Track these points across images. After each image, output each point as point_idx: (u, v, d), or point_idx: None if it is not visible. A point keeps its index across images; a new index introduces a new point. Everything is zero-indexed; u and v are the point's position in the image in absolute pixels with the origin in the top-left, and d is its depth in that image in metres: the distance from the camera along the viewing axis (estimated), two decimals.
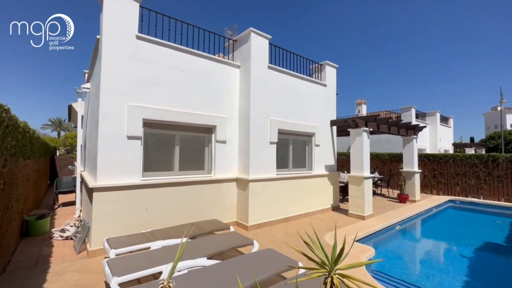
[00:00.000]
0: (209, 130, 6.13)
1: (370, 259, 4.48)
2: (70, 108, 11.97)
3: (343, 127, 8.33)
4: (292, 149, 7.44)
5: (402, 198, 9.57)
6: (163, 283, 1.06)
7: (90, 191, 4.55)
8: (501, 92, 24.50)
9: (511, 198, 9.76)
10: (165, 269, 3.09)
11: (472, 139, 28.40)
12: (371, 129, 7.61)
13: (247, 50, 6.38)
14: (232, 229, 4.88)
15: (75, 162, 10.65)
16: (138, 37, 4.97)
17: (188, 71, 5.66)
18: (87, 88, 6.86)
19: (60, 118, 43.68)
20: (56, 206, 8.06)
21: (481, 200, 10.26)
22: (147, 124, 5.14)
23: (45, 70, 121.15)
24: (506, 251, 5.85)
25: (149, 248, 3.86)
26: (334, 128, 8.55)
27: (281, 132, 6.91)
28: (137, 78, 4.93)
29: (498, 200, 10.02)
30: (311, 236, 1.47)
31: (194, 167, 5.95)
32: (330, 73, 8.51)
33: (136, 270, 3.02)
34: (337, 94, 8.95)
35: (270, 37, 6.68)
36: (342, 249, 1.17)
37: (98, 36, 4.99)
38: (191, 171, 5.85)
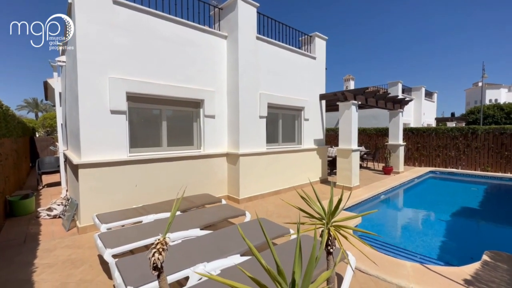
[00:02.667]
0: (197, 104, 5.95)
1: (356, 226, 4.71)
2: (46, 85, 11.21)
3: (332, 101, 8.32)
4: (281, 123, 7.41)
5: (387, 170, 9.95)
6: (159, 239, 1.04)
7: (75, 168, 4.40)
8: (483, 67, 25.04)
9: (486, 168, 10.37)
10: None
11: (453, 114, 29.39)
12: (360, 103, 7.65)
13: (234, 19, 6.05)
14: (223, 202, 4.94)
15: (56, 143, 10.23)
16: (115, 2, 4.57)
17: (172, 42, 5.34)
18: (63, 62, 6.40)
19: (36, 99, 41.22)
20: (41, 187, 7.83)
21: (460, 170, 10.85)
22: (131, 98, 4.91)
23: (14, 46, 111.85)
24: (478, 213, 6.30)
25: (141, 222, 3.86)
26: (323, 102, 8.54)
27: (270, 106, 6.82)
28: (117, 48, 4.61)
29: (475, 170, 10.63)
30: (309, 195, 1.48)
31: (183, 143, 5.84)
32: (319, 45, 8.30)
33: (129, 242, 3.03)
34: (326, 68, 8.83)
35: (258, 5, 6.33)
36: (339, 202, 1.19)
37: (69, 0, 4.54)
38: (180, 146, 5.75)
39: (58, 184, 7.75)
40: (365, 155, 12.18)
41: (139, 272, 2.36)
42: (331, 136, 15.98)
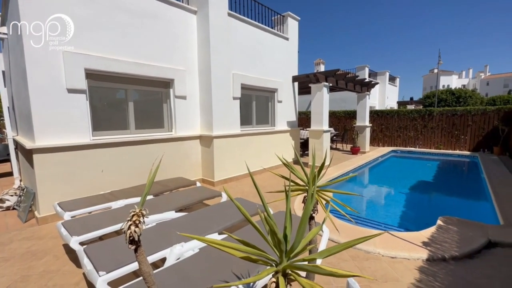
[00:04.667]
0: (166, 84, 5.61)
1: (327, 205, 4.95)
2: None
3: (304, 83, 8.41)
4: (255, 105, 7.34)
5: (355, 150, 10.53)
6: (134, 211, 0.96)
7: (28, 154, 3.95)
8: (439, 54, 27.05)
9: (440, 146, 11.47)
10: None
11: (412, 98, 31.75)
12: (331, 85, 7.84)
13: None
14: (198, 184, 4.85)
15: (4, 130, 9.10)
16: None
17: (138, 15, 4.88)
18: (3, 34, 5.54)
19: None
20: None
21: (417, 149, 11.86)
22: (92, 75, 4.45)
23: None
24: (433, 185, 7.02)
25: (110, 208, 3.64)
26: (296, 84, 8.60)
27: (244, 87, 6.69)
28: (73, 19, 4.08)
29: (430, 148, 11.70)
30: (289, 168, 1.48)
31: (152, 125, 5.53)
32: (292, 26, 8.21)
33: (97, 228, 2.85)
34: (298, 51, 8.82)
35: None
36: (320, 168, 1.20)
37: None
38: (149, 129, 5.44)
39: (9, 174, 6.97)
40: (334, 137, 12.71)
41: (111, 257, 2.24)
42: (303, 119, 16.34)
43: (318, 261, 2.65)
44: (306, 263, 0.85)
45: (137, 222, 0.94)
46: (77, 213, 3.36)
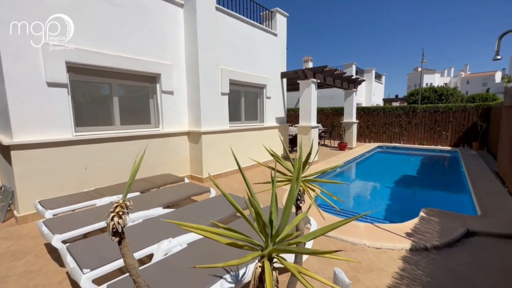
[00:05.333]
0: (153, 79, 5.48)
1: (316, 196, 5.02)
2: None
3: (292, 79, 8.44)
4: (244, 101, 7.31)
5: (342, 146, 10.72)
6: (117, 202, 0.93)
7: (6, 150, 3.76)
8: (423, 53, 27.85)
9: (423, 142, 11.86)
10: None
11: (397, 96, 32.62)
12: (319, 81, 7.91)
13: None
14: (187, 180, 4.79)
15: None
16: None
17: (122, 6, 4.72)
18: None
19: None
20: None
21: (402, 145, 12.21)
22: (74, 69, 4.28)
23: None
24: (416, 179, 7.26)
25: (94, 205, 3.53)
26: (284, 80, 8.62)
27: (232, 83, 6.64)
28: (53, 9, 3.90)
29: (414, 144, 12.07)
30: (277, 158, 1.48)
31: (138, 121, 5.40)
32: (280, 22, 8.21)
33: (81, 226, 2.76)
34: (286, 48, 8.83)
35: None
36: (307, 158, 1.21)
37: None
38: (135, 125, 5.31)
39: None
40: (322, 133, 12.88)
41: (96, 254, 2.19)
42: (291, 116, 16.44)
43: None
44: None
45: (121, 213, 0.91)
46: (59, 211, 3.24)
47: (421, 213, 3.85)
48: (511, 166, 4.90)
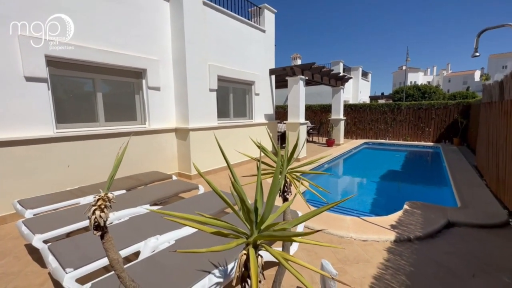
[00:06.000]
0: (138, 74, 5.35)
1: (304, 191, 5.08)
2: None
3: (281, 76, 8.47)
4: (232, 97, 7.27)
5: (330, 143, 10.88)
6: (99, 195, 0.90)
7: None
8: (407, 52, 28.61)
9: (407, 138, 12.23)
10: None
11: (382, 93, 33.42)
12: (307, 78, 7.97)
13: None
14: (174, 178, 4.72)
15: None
16: None
17: None
18: None
19: None
20: None
21: (387, 141, 12.54)
22: (54, 63, 4.11)
23: None
24: (400, 174, 7.49)
25: (78, 204, 3.43)
26: (273, 77, 8.63)
27: (221, 79, 6.58)
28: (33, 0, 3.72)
29: (399, 140, 12.42)
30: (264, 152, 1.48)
31: (124, 118, 5.26)
32: (269, 18, 8.19)
33: (64, 225, 2.67)
34: (275, 45, 8.83)
35: None
36: (293, 150, 1.22)
37: None
38: (120, 122, 5.17)
39: None
40: (311, 130, 13.02)
41: (79, 253, 2.13)
42: (280, 113, 16.52)
43: (295, 245, 2.73)
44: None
45: (103, 206, 0.89)
46: (40, 211, 3.12)
47: (405, 206, 3.97)
48: (488, 160, 5.14)
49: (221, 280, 1.79)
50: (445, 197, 4.91)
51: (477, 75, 64.33)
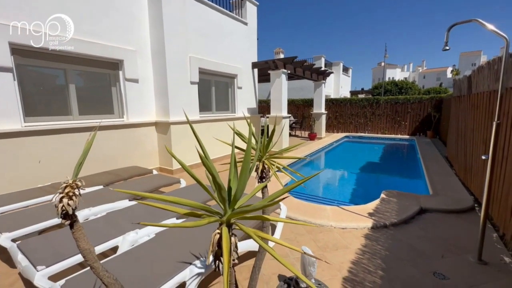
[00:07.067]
0: (115, 65, 5.11)
1: (287, 184, 5.16)
2: None
3: (263, 70, 8.45)
4: (214, 91, 7.17)
5: (312, 136, 11.08)
6: (66, 182, 0.86)
7: None
8: (385, 48, 29.58)
9: (385, 131, 12.73)
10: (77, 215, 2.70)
11: (362, 89, 34.40)
12: (289, 72, 8.02)
13: None
14: (155, 172, 4.61)
15: None
16: None
17: None
18: None
19: None
20: None
21: (366, 134, 12.98)
22: (19, 51, 3.82)
23: None
24: (379, 165, 7.81)
25: (51, 201, 3.24)
26: (256, 70, 8.59)
27: (202, 72, 6.45)
28: None
29: (377, 133, 12.90)
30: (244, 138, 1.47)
31: (100, 111, 5.03)
32: (251, 10, 8.10)
33: (34, 223, 2.54)
34: (257, 38, 8.77)
35: None
36: (271, 136, 1.22)
37: None
38: (96, 115, 4.94)
39: None
40: (293, 124, 13.18)
41: (52, 250, 2.03)
42: (264, 108, 16.55)
43: (277, 234, 2.77)
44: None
45: (71, 194, 0.85)
46: (8, 209, 2.93)
47: (382, 195, 4.15)
48: (457, 151, 5.47)
49: (203, 270, 1.78)
50: (418, 186, 5.18)
51: (449, 72, 67.91)
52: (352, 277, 2.26)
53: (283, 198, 0.80)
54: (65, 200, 0.80)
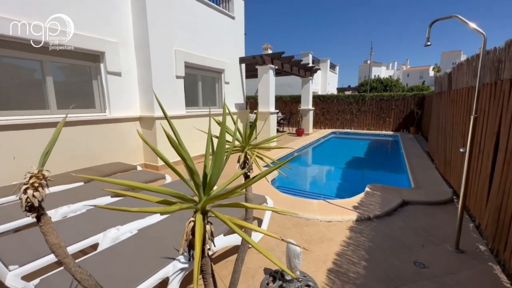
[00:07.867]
0: (95, 57, 4.90)
1: (274, 179, 5.17)
2: None
3: (251, 65, 8.39)
4: (201, 86, 7.05)
5: (299, 132, 11.16)
6: (31, 172, 0.80)
7: None
8: (371, 46, 30.13)
9: (370, 127, 13.01)
10: (54, 213, 2.59)
11: (349, 86, 35.00)
12: (277, 67, 8.00)
13: None
14: (139, 168, 4.49)
15: None
16: None
17: None
18: None
19: None
20: None
21: (353, 130, 13.23)
22: None
23: None
24: (364, 160, 7.99)
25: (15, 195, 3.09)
26: (243, 66, 8.52)
27: (188, 66, 6.32)
28: None
29: (363, 129, 13.17)
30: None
31: (80, 105, 4.82)
32: (238, 4, 7.99)
33: (9, 221, 2.40)
34: (245, 34, 8.68)
35: None
36: (253, 126, 1.21)
37: None
38: (76, 109, 4.73)
39: None
40: (281, 120, 13.22)
41: (26, 249, 1.93)
42: (251, 103, 16.50)
43: (264, 226, 2.77)
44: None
45: (36, 185, 0.79)
46: None
47: (366, 189, 4.24)
48: (438, 146, 5.67)
49: (186, 265, 1.75)
50: (401, 180, 5.33)
51: (431, 70, 70.19)
52: (336, 269, 2.30)
53: (259, 179, 0.77)
54: (29, 192, 0.75)
